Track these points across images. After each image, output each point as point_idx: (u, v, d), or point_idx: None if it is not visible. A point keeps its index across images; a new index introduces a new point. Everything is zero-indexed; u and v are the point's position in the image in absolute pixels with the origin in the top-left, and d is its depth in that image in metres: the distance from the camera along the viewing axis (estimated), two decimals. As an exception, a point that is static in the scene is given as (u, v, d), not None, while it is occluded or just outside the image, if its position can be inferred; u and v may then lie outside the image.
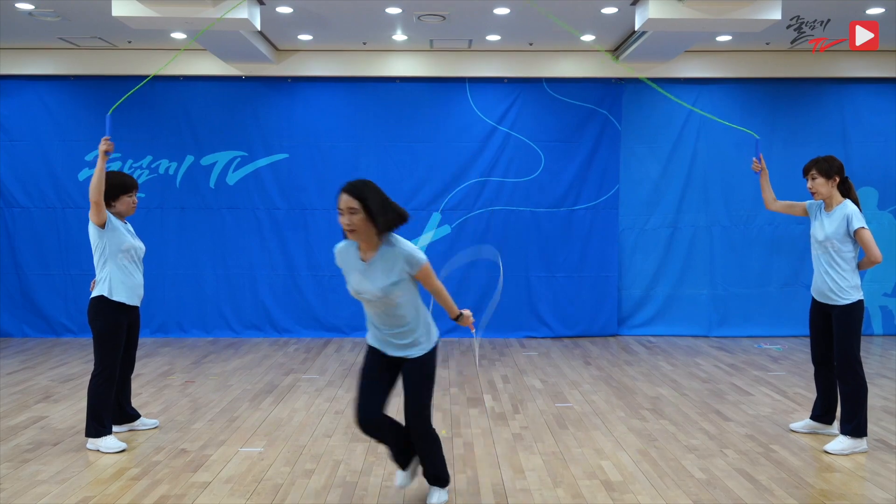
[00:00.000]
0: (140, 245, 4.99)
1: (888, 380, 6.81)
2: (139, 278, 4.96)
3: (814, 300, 5.03)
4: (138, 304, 4.98)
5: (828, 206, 4.93)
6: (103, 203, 4.70)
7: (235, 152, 8.99)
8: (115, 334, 4.80)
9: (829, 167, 4.87)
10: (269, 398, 6.17)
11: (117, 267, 4.79)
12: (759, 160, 5.27)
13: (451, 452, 4.78)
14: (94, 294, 4.80)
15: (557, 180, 9.01)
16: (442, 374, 7.05)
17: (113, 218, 4.82)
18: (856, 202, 4.89)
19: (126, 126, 8.93)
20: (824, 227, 4.88)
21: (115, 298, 4.76)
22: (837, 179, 4.88)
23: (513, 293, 8.99)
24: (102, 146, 4.73)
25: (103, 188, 4.68)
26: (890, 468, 4.50)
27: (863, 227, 4.74)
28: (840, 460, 4.64)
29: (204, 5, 6.54)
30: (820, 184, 4.89)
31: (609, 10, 7.22)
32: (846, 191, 4.92)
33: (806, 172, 4.97)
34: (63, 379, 6.82)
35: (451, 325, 9.02)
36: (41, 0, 6.91)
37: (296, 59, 8.82)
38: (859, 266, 4.84)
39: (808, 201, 5.14)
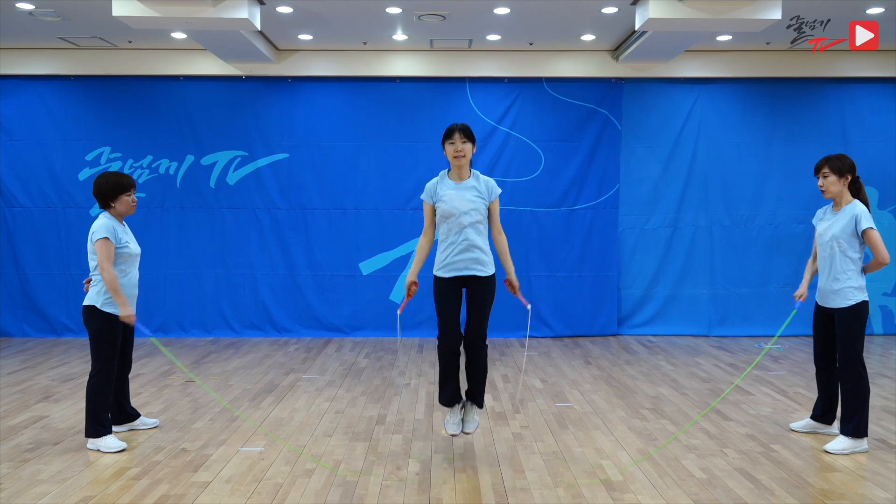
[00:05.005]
0: (137, 250, 5.00)
1: (888, 379, 6.81)
2: (134, 280, 4.95)
3: (817, 302, 5.01)
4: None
5: (837, 204, 4.87)
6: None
7: (236, 152, 8.99)
8: (111, 334, 4.80)
9: (841, 165, 4.80)
10: (269, 398, 6.17)
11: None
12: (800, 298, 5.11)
13: (452, 452, 4.79)
14: (86, 303, 4.80)
15: (558, 180, 9.01)
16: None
17: (115, 229, 4.81)
18: (865, 202, 4.82)
19: (126, 126, 8.95)
20: (831, 227, 4.83)
21: (105, 311, 4.77)
22: (849, 178, 4.82)
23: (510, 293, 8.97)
24: (127, 318, 4.79)
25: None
26: (890, 468, 4.50)
27: (871, 228, 4.68)
28: (840, 460, 4.64)
29: (204, 5, 6.54)
30: (831, 182, 4.81)
31: (609, 10, 7.22)
32: (856, 190, 4.86)
33: (817, 170, 4.89)
34: (63, 378, 6.82)
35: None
36: (41, 0, 6.91)
37: (296, 59, 8.82)
38: (866, 269, 4.80)
39: (814, 218, 5.07)
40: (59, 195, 8.91)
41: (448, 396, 4.64)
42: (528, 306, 4.89)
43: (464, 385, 4.71)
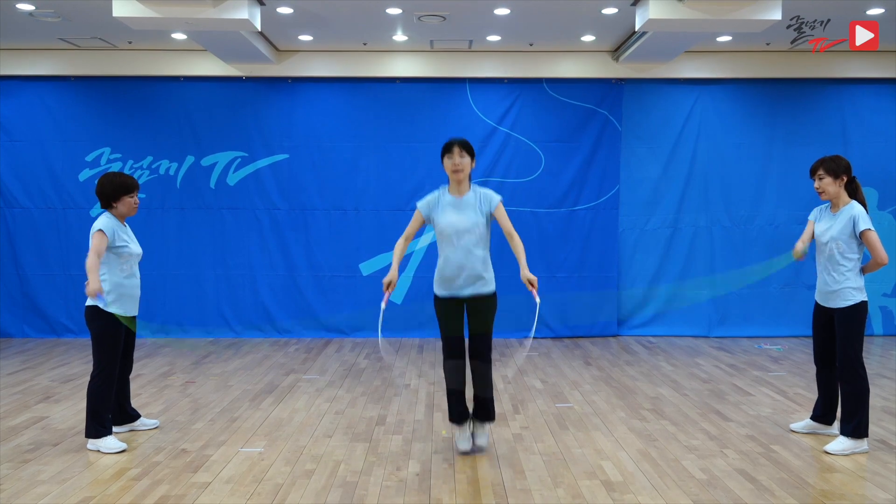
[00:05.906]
0: (138, 251, 4.99)
1: (888, 380, 6.81)
2: (136, 281, 4.96)
3: (817, 301, 5.01)
4: (134, 314, 4.99)
5: (834, 206, 4.87)
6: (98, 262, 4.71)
7: (236, 153, 9.00)
8: (113, 335, 4.80)
9: (836, 167, 4.80)
10: (269, 398, 6.17)
11: (114, 274, 4.80)
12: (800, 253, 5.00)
13: (452, 452, 4.79)
14: (89, 303, 4.80)
15: (558, 181, 9.01)
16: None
17: (115, 228, 4.81)
18: (863, 203, 4.83)
19: (126, 127, 8.95)
20: (829, 228, 4.83)
21: (108, 310, 4.76)
22: (845, 179, 4.81)
23: (513, 293, 8.98)
24: (93, 291, 4.63)
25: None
26: (890, 468, 4.50)
27: (869, 229, 4.68)
28: (840, 460, 4.64)
29: (204, 5, 6.55)
30: (827, 183, 4.82)
31: (609, 11, 7.22)
32: (853, 191, 4.86)
33: (813, 172, 4.89)
34: (63, 379, 6.82)
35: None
36: (42, 0, 6.92)
37: (296, 60, 8.82)
38: (865, 269, 4.80)
39: (811, 214, 5.07)
40: (59, 196, 8.92)
41: (456, 412, 4.69)
42: (538, 300, 4.72)
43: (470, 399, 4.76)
